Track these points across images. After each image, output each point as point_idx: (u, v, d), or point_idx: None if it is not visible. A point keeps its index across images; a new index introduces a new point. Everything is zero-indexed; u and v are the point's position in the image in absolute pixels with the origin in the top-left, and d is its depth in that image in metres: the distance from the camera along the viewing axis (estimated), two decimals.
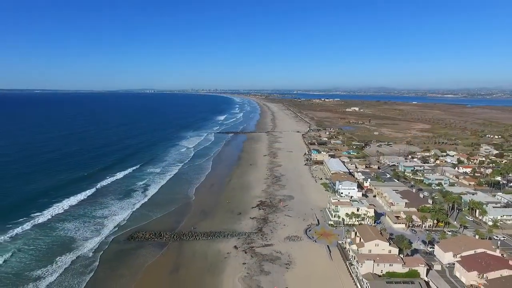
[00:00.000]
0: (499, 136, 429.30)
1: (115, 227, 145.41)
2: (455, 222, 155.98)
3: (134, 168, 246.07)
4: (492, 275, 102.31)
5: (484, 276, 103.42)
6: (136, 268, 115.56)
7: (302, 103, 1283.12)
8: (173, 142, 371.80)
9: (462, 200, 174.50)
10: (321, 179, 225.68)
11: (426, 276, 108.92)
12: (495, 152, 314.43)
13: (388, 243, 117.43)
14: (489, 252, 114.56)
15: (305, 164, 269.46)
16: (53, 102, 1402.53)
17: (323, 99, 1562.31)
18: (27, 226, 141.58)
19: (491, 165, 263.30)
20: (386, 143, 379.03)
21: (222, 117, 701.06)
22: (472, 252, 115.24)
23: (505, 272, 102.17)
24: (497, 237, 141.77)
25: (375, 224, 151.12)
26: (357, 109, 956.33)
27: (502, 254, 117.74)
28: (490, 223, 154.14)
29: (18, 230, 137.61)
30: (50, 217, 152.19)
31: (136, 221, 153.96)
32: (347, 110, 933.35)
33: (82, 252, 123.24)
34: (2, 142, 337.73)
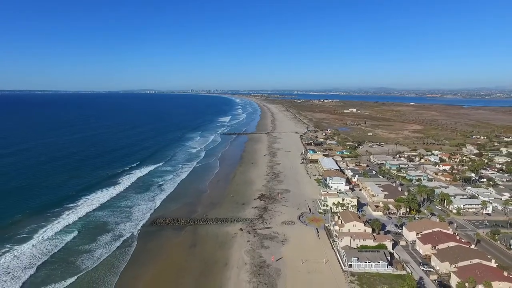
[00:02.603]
0: (485, 137, 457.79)
1: (142, 215, 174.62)
2: (425, 210, 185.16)
3: (155, 166, 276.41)
4: (441, 246, 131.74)
5: (436, 248, 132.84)
6: (163, 244, 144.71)
7: (301, 104, 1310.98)
8: (184, 143, 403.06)
9: (435, 193, 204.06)
10: (315, 175, 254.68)
11: (392, 249, 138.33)
12: (476, 151, 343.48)
13: (363, 224, 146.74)
14: (443, 230, 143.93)
15: (302, 163, 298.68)
16: (57, 104, 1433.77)
17: (322, 100, 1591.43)
18: (70, 217, 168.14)
19: (469, 163, 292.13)
20: (378, 143, 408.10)
21: (225, 119, 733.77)
22: (430, 231, 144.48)
23: (451, 244, 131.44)
24: (456, 221, 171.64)
25: (358, 212, 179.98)
26: (354, 110, 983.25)
27: (454, 232, 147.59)
28: (455, 211, 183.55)
29: (66, 220, 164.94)
30: (88, 210, 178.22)
31: (158, 210, 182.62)
32: (345, 111, 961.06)
33: (120, 233, 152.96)
34: (29, 144, 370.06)
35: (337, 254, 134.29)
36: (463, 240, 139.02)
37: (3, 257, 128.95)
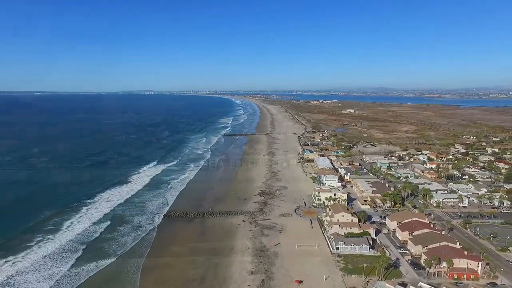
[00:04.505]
0: (474, 137, 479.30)
1: (158, 209, 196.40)
2: (408, 204, 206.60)
3: (166, 166, 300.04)
4: (417, 233, 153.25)
5: (412, 234, 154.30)
6: (177, 233, 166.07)
7: (300, 105, 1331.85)
8: (191, 145, 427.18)
9: (419, 188, 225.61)
10: (310, 173, 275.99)
11: (376, 236, 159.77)
12: (463, 151, 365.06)
13: (350, 215, 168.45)
14: (420, 220, 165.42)
15: (299, 162, 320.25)
16: (59, 105, 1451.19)
17: (321, 101, 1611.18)
18: (98, 212, 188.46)
19: (454, 162, 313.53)
20: (372, 143, 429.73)
21: (228, 120, 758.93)
22: (409, 220, 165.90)
23: (425, 231, 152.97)
24: (434, 212, 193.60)
25: (348, 205, 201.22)
26: (352, 111, 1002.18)
27: (429, 221, 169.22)
28: (435, 204, 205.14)
29: (95, 215, 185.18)
30: (114, 206, 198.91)
31: (172, 205, 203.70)
32: (343, 112, 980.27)
33: (141, 225, 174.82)
34: (47, 146, 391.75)
35: (327, 240, 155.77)
36: (436, 228, 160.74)
37: (45, 245, 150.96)
